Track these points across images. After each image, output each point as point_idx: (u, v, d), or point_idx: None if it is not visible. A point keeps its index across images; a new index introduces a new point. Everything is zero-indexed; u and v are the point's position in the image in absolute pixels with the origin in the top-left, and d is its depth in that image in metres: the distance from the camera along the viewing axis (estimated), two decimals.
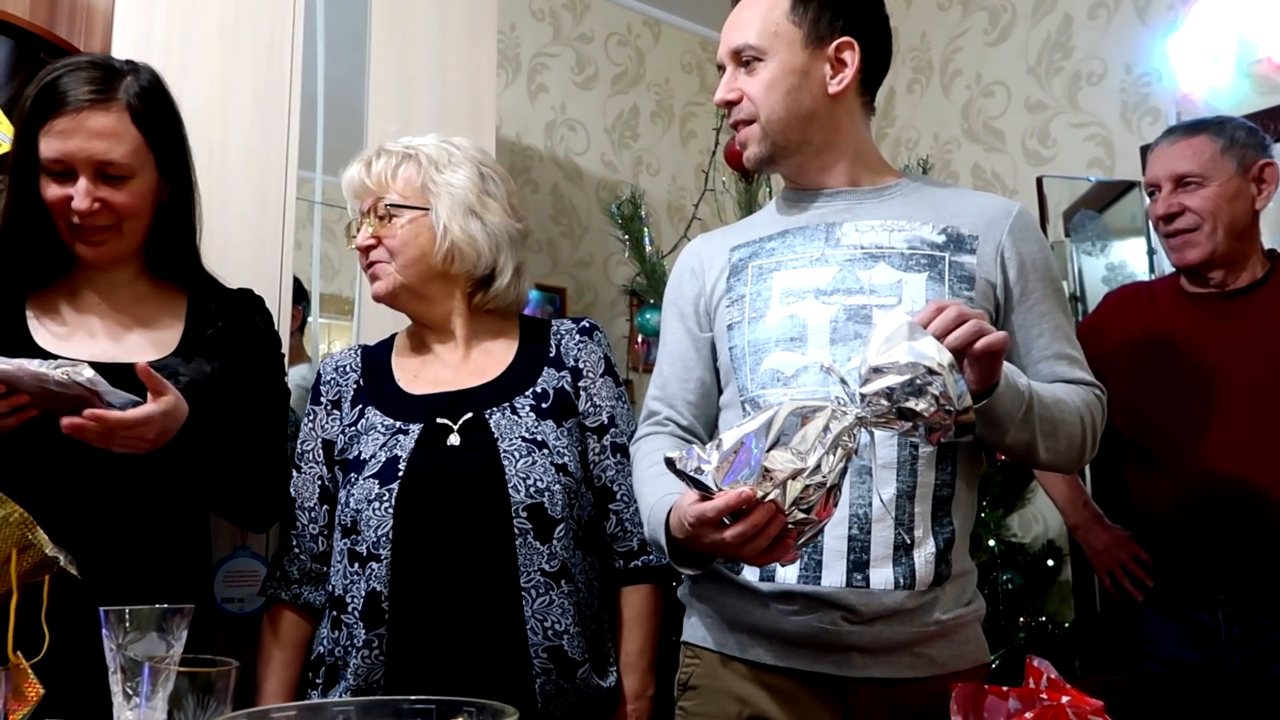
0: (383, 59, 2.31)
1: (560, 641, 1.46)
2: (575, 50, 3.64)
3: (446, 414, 1.56)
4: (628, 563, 1.60)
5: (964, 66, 3.51)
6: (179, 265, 1.61)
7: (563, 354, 1.66)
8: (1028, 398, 1.28)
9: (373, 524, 1.48)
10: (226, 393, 1.54)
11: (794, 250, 1.45)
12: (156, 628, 0.94)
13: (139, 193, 1.49)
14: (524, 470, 1.50)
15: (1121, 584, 2.08)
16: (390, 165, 1.63)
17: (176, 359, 1.53)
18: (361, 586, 1.47)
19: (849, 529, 1.31)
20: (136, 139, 1.46)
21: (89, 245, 1.49)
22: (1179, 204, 1.94)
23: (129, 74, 1.48)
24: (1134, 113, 3.03)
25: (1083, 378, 1.42)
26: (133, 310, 1.57)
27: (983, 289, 1.39)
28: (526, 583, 1.46)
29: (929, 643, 1.33)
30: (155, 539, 1.48)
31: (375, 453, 1.54)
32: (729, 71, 1.46)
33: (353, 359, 1.70)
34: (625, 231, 2.73)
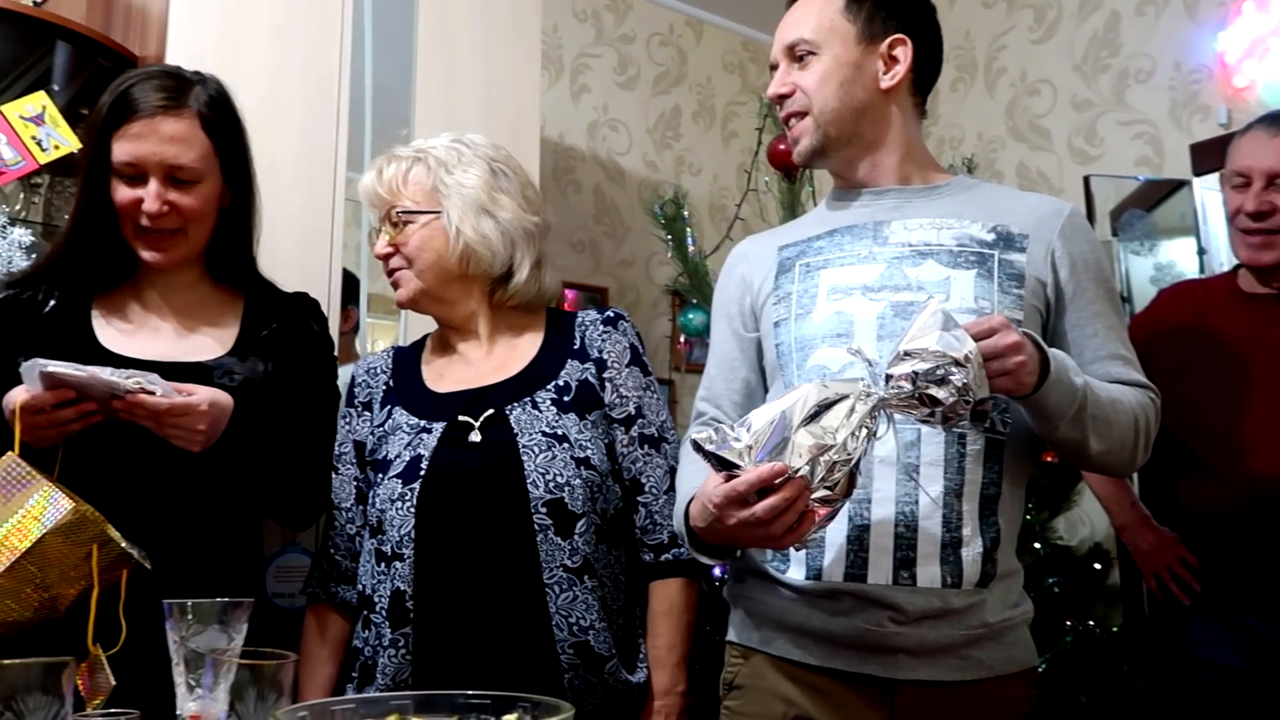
0: (428, 61, 2.34)
1: (586, 637, 1.45)
2: (617, 50, 3.65)
3: (468, 411, 1.56)
4: (658, 556, 1.58)
5: (1009, 64, 3.47)
6: (237, 269, 1.65)
7: (587, 345, 1.64)
8: (1080, 396, 1.27)
9: (396, 523, 1.49)
10: (278, 392, 1.57)
11: (842, 248, 1.45)
12: (218, 620, 0.96)
13: (205, 197, 1.53)
14: (543, 465, 1.49)
15: (1168, 587, 2.05)
16: (401, 171, 1.63)
17: (232, 358, 1.56)
18: (387, 586, 1.48)
19: (895, 526, 1.30)
20: (205, 145, 1.51)
21: (155, 248, 1.53)
22: (1270, 203, 1.88)
23: (198, 84, 1.54)
24: (1183, 110, 2.99)
25: (1137, 379, 1.41)
26: (193, 311, 1.61)
27: (1032, 287, 1.38)
28: (549, 579, 1.46)
29: (976, 645, 1.32)
30: (210, 535, 1.51)
31: (400, 452, 1.55)
32: (782, 67, 1.48)
33: (384, 360, 1.71)
34: (667, 231, 2.74)
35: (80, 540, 1.25)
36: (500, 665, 1.43)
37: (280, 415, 1.55)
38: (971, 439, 1.33)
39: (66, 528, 1.22)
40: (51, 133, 1.78)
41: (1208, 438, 1.95)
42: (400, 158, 1.64)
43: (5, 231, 1.81)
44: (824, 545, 1.33)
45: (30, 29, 1.94)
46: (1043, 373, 1.23)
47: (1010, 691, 1.36)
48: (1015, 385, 1.21)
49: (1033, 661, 1.41)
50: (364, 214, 2.25)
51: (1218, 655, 1.93)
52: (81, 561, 1.25)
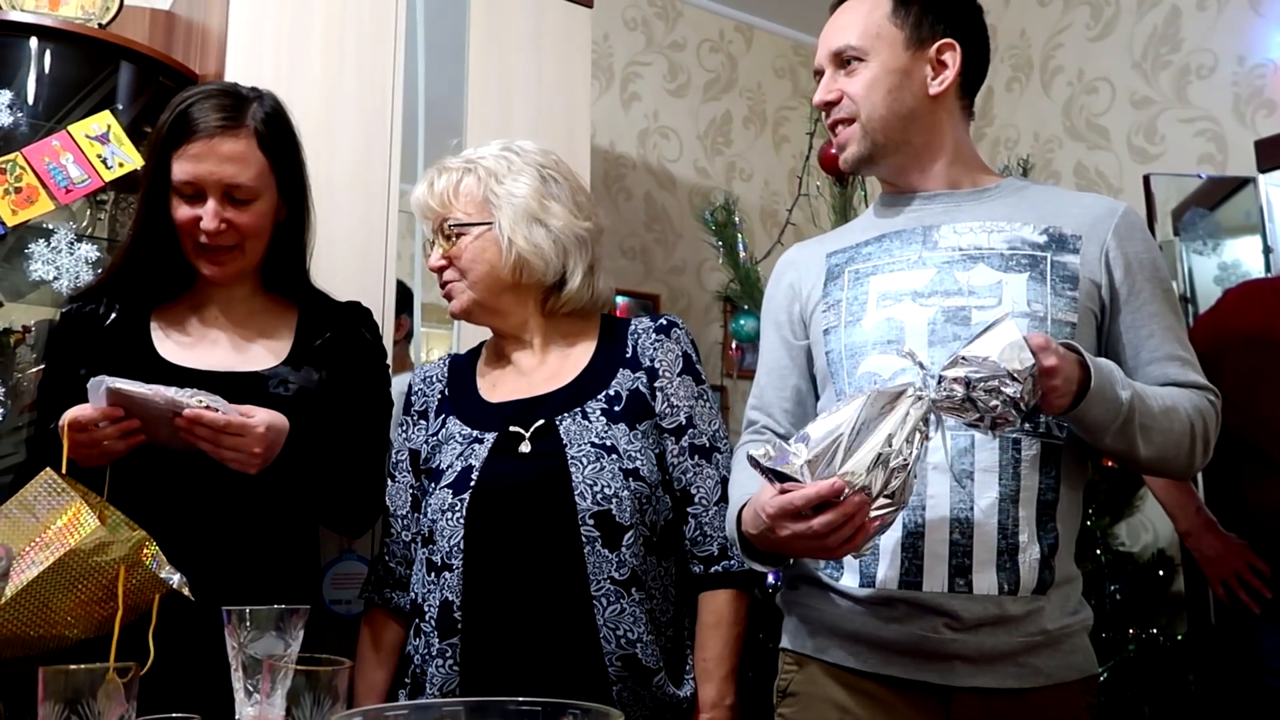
0: (481, 72, 2.36)
1: (634, 650, 1.45)
2: (667, 58, 3.65)
3: (520, 421, 1.56)
4: (708, 568, 1.55)
5: (1065, 63, 3.42)
6: (290, 281, 1.68)
7: (639, 354, 1.62)
8: (1125, 409, 1.25)
9: (446, 534, 1.49)
10: (332, 401, 1.59)
11: (891, 254, 1.44)
12: (275, 627, 0.98)
13: (261, 214, 1.56)
14: (591, 476, 1.48)
15: (1237, 594, 1.99)
16: (452, 183, 1.63)
17: (287, 367, 1.59)
18: (436, 596, 1.49)
19: (950, 533, 1.29)
20: (262, 163, 1.54)
21: (213, 264, 1.56)
22: None
23: (255, 101, 1.57)
24: (1247, 105, 2.92)
25: (1195, 380, 1.37)
26: (250, 322, 1.64)
27: (1086, 289, 1.36)
28: (597, 591, 1.45)
29: (1035, 652, 1.30)
30: (268, 543, 1.54)
31: (452, 462, 1.55)
32: (828, 74, 1.47)
33: (440, 369, 1.72)
34: (718, 238, 2.73)
35: (103, 563, 1.24)
36: (547, 677, 1.42)
37: (334, 424, 1.57)
38: (1027, 444, 1.31)
39: (90, 549, 1.22)
40: (116, 151, 1.83)
41: (1276, 436, 1.90)
42: (450, 169, 1.64)
43: (73, 247, 1.86)
44: (878, 552, 1.32)
45: (96, 50, 2.00)
46: (1083, 387, 1.21)
47: (1070, 700, 1.34)
48: (1048, 407, 1.21)
49: (1093, 669, 1.38)
50: (417, 225, 2.28)
51: None
52: (109, 584, 1.25)
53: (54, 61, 1.99)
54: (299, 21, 2.12)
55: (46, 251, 1.84)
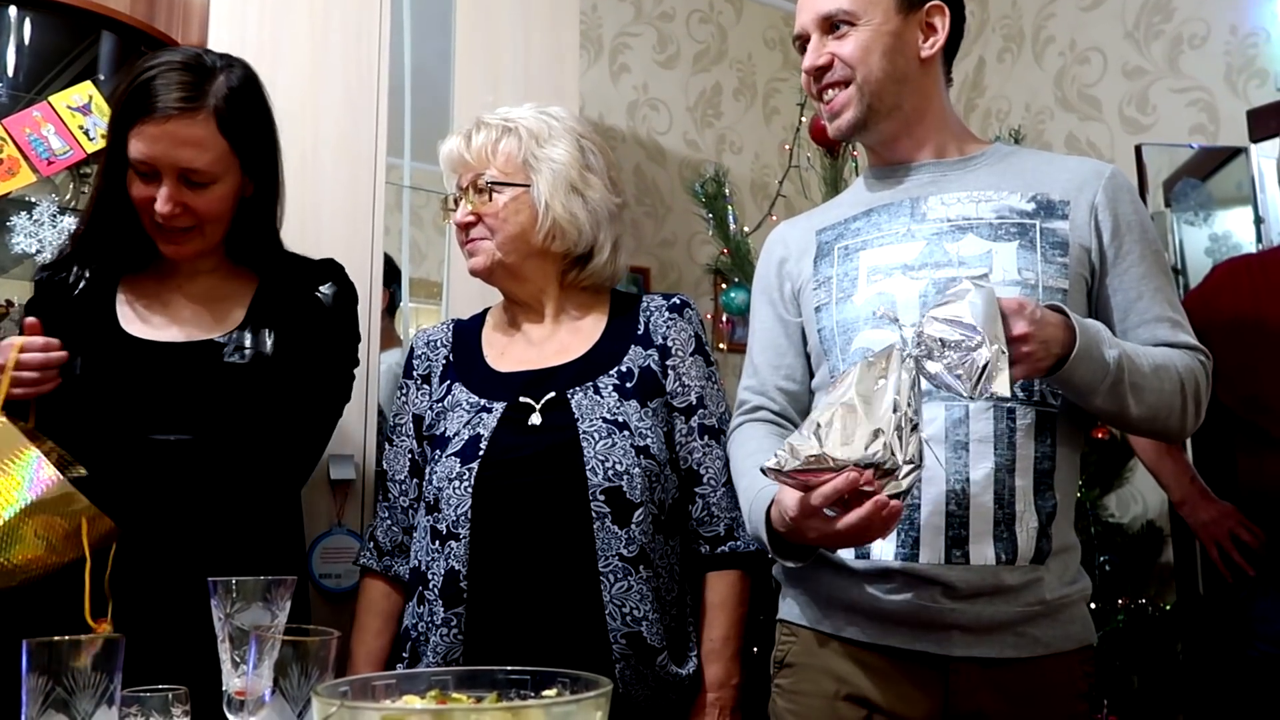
0: (467, 44, 2.34)
1: (639, 628, 1.44)
2: (657, 29, 3.62)
3: (530, 393, 1.55)
4: (714, 548, 1.56)
5: (1057, 33, 3.40)
6: (257, 252, 1.64)
7: (651, 331, 1.62)
8: (1113, 369, 1.25)
9: (453, 502, 1.48)
10: (287, 358, 1.56)
11: (879, 228, 1.43)
12: (262, 598, 0.97)
13: (220, 197, 1.51)
14: (603, 452, 1.48)
15: (1230, 556, 2.01)
16: (490, 140, 1.60)
17: (242, 332, 1.56)
18: (441, 564, 1.48)
19: (947, 505, 1.29)
20: (221, 146, 1.48)
21: (170, 243, 1.53)
22: None
23: (221, 73, 1.50)
24: (1239, 75, 2.91)
25: (1186, 341, 1.37)
26: (213, 292, 1.61)
27: (1077, 254, 1.36)
28: (604, 567, 1.44)
29: (1033, 622, 1.31)
30: (249, 517, 1.52)
31: (459, 430, 1.54)
32: (815, 39, 1.44)
33: (444, 334, 1.70)
34: (709, 210, 2.72)
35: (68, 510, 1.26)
36: (551, 651, 1.41)
37: (289, 381, 1.55)
38: (1022, 413, 1.31)
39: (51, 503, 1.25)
40: (98, 122, 1.81)
41: (1267, 411, 1.92)
42: (489, 125, 1.62)
43: (55, 220, 1.84)
44: None
45: (76, 20, 1.97)
46: (1068, 350, 1.21)
47: (1068, 669, 1.35)
48: (1028, 371, 1.21)
49: (1091, 639, 1.39)
50: (405, 199, 2.27)
51: None
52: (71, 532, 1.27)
53: (34, 31, 1.96)
54: None
55: (29, 224, 1.82)
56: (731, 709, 1.52)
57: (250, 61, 1.59)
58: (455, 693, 0.79)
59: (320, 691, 0.72)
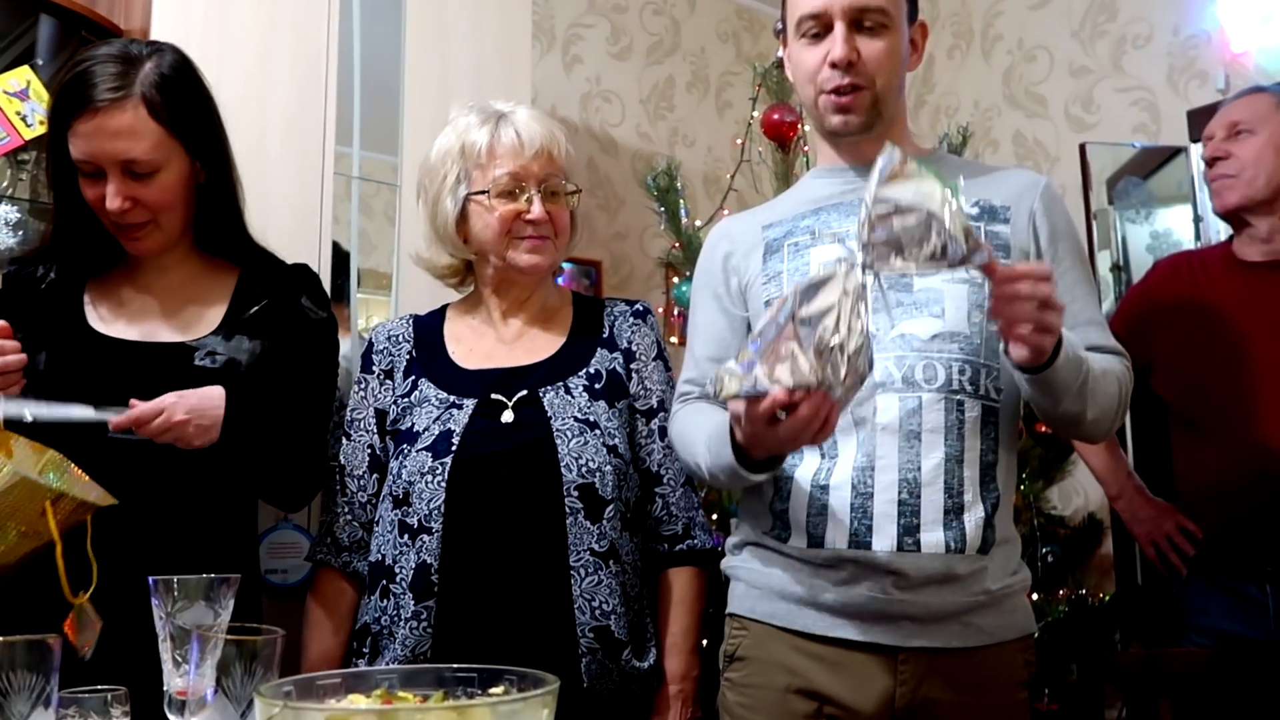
0: (418, 33, 2.31)
1: (607, 622, 1.47)
2: (610, 20, 3.61)
3: (500, 390, 1.57)
4: (673, 545, 1.61)
5: (1005, 31, 3.45)
6: (227, 242, 1.62)
7: (616, 335, 1.66)
8: (1085, 370, 1.29)
9: (425, 496, 1.49)
10: (268, 371, 1.55)
11: (829, 225, 1.45)
12: (204, 597, 0.96)
13: (168, 185, 1.49)
14: (576, 450, 1.50)
15: (1167, 556, 2.05)
16: (563, 141, 1.64)
17: (216, 337, 1.54)
18: (411, 558, 1.48)
19: (899, 493, 1.32)
20: (156, 132, 1.45)
21: (130, 239, 1.51)
22: (1225, 149, 1.98)
23: (148, 60, 1.46)
24: (1181, 76, 2.97)
25: (1114, 346, 1.44)
26: (183, 289, 1.59)
27: (1018, 258, 1.40)
28: (576, 562, 1.47)
29: (978, 612, 1.34)
30: (202, 512, 1.50)
31: (429, 425, 1.54)
32: (843, 29, 1.38)
33: (405, 329, 1.69)
34: (661, 204, 2.72)
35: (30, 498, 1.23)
36: (520, 645, 1.43)
37: (269, 395, 1.53)
38: (970, 406, 1.35)
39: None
40: (36, 108, 1.76)
41: (1206, 405, 1.96)
42: (553, 122, 1.65)
43: None
44: (827, 514, 1.35)
45: (13, 1, 1.92)
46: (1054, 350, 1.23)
47: (1010, 658, 1.38)
48: (1036, 350, 1.20)
49: (1032, 628, 1.43)
50: (354, 189, 2.24)
51: (1216, 622, 1.94)
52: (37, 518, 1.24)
53: None
54: None
55: None
56: (692, 699, 1.57)
57: (195, 49, 1.57)
58: (401, 691, 0.79)
59: (263, 691, 0.72)
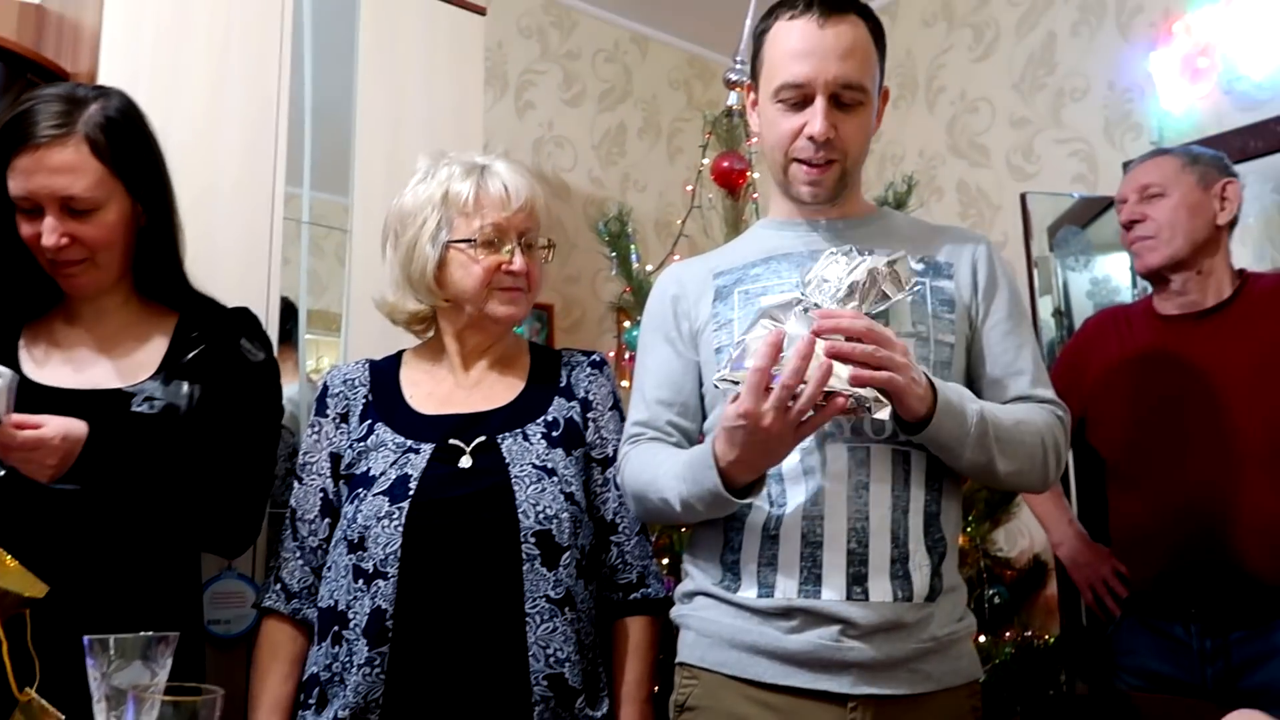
0: (370, 77, 2.32)
1: (562, 669, 1.46)
2: (563, 67, 3.65)
3: (458, 435, 1.56)
4: (627, 594, 1.61)
5: (949, 83, 3.53)
6: (167, 287, 1.61)
7: (574, 385, 1.68)
8: (975, 422, 1.32)
9: (381, 541, 1.47)
10: (207, 415, 1.53)
11: (779, 275, 1.47)
12: (141, 655, 0.94)
13: (108, 224, 1.48)
14: (534, 496, 1.50)
15: (1103, 600, 2.10)
16: (542, 196, 1.66)
17: (155, 382, 1.52)
18: (366, 603, 1.46)
19: (848, 542, 1.33)
20: (98, 171, 1.45)
21: (67, 278, 1.49)
22: (1141, 212, 2.03)
23: (94, 103, 1.47)
24: (1116, 129, 3.06)
25: (1047, 396, 1.47)
26: (121, 334, 1.57)
27: (960, 312, 1.45)
28: (531, 608, 1.46)
29: (925, 659, 1.35)
30: (143, 565, 1.47)
31: (386, 470, 1.53)
32: (824, 105, 1.40)
33: (361, 373, 1.68)
34: (612, 248, 2.74)
35: None
36: (474, 692, 1.42)
37: (209, 440, 1.51)
38: (915, 458, 1.37)
39: None
40: None
41: (1135, 456, 2.02)
42: (526, 174, 1.67)
43: None
44: (777, 563, 1.36)
45: None
46: (931, 406, 1.28)
47: (958, 704, 1.40)
48: (903, 406, 1.27)
49: (977, 673, 1.44)
50: (304, 232, 2.23)
51: (1146, 663, 1.98)
52: None
53: None
54: (180, 19, 2.04)
55: None
56: None
57: (144, 92, 1.56)
58: None
59: None
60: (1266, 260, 2.60)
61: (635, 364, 1.61)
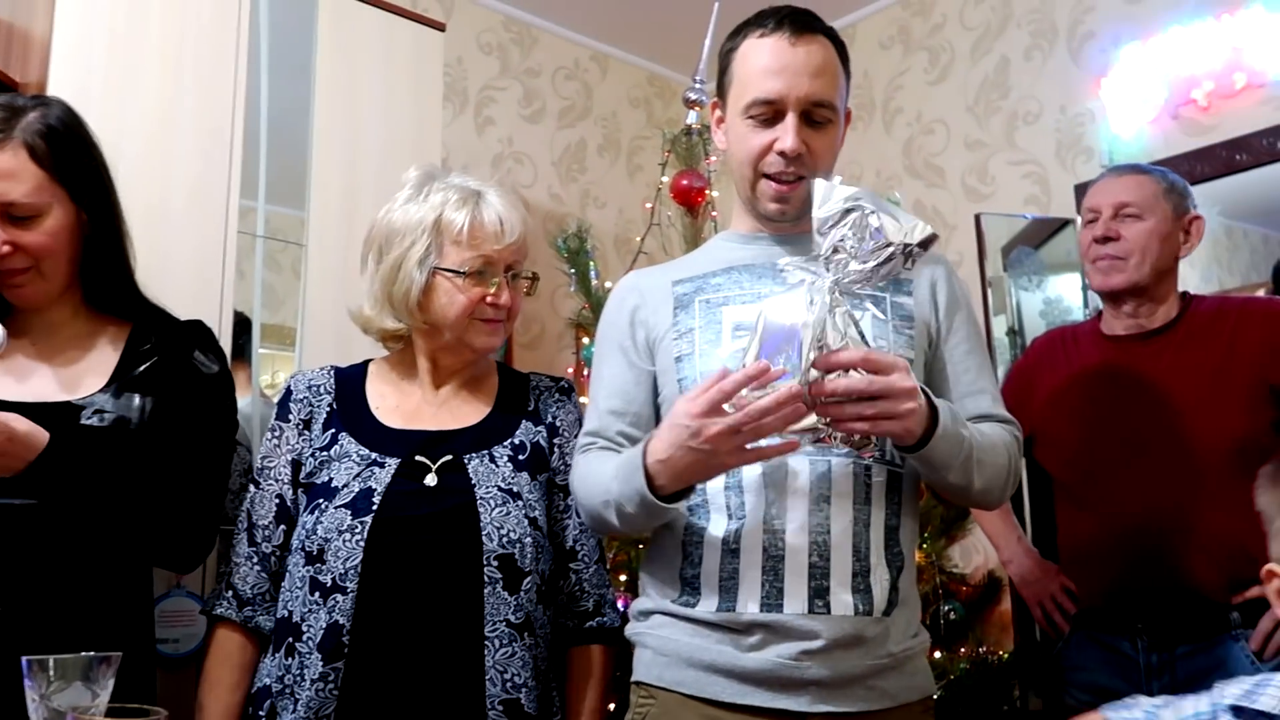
0: (328, 91, 2.31)
1: (518, 695, 1.45)
2: (523, 84, 3.65)
3: (424, 453, 1.55)
4: (583, 622, 1.60)
5: (905, 105, 3.58)
6: (116, 296, 1.58)
7: (541, 409, 1.67)
8: (968, 444, 1.33)
9: (341, 555, 1.45)
10: (159, 429, 1.50)
11: (741, 286, 1.47)
12: (83, 676, 0.91)
13: (51, 231, 1.46)
14: (498, 519, 1.49)
15: (1052, 616, 2.12)
16: (530, 227, 1.65)
17: (105, 395, 1.49)
18: (322, 617, 1.44)
19: (809, 556, 1.33)
20: (37, 176, 1.43)
21: (10, 288, 1.47)
22: (1116, 230, 2.01)
23: (33, 110, 1.45)
24: (1068, 152, 3.11)
25: (1004, 415, 1.49)
26: (71, 346, 1.54)
27: (920, 328, 1.45)
28: (491, 632, 1.45)
29: (882, 675, 1.35)
30: (94, 580, 1.44)
31: (349, 482, 1.51)
32: (796, 120, 1.42)
33: (326, 380, 1.66)
34: (571, 265, 2.73)
35: None
36: (427, 713, 1.41)
37: (160, 453, 1.48)
38: (876, 471, 1.38)
39: None
40: None
41: (1082, 474, 2.04)
42: (519, 205, 1.64)
43: None
44: (738, 577, 1.35)
45: None
46: (931, 425, 1.27)
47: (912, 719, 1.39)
48: (903, 432, 1.25)
49: (932, 689, 1.45)
50: (259, 246, 2.21)
51: (1094, 678, 1.99)
52: None
53: None
54: (132, 30, 2.02)
55: None
56: None
57: (95, 102, 1.55)
58: None
59: None
60: (1214, 281, 2.65)
61: (591, 373, 1.59)
